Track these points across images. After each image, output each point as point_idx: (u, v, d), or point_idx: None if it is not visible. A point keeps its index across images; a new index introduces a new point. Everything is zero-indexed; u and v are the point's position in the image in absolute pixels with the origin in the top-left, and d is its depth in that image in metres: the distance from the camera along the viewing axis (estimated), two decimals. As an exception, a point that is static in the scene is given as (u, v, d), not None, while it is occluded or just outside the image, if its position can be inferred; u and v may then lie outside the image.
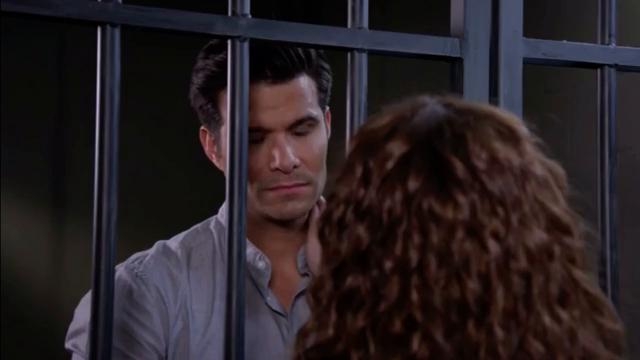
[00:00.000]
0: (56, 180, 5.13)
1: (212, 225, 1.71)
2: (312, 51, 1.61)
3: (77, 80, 4.41)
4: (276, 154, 1.57)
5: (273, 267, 1.66)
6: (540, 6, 3.51)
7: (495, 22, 1.42)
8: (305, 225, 1.69)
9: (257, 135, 1.57)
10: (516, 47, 1.43)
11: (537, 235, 1.00)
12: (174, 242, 1.70)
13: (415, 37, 1.39)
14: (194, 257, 1.67)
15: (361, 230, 1.01)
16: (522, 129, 1.06)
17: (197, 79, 1.63)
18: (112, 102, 1.23)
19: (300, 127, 1.59)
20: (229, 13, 1.29)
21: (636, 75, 1.65)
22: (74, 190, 4.99)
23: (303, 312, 1.65)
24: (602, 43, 1.50)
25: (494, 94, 1.42)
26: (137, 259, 1.66)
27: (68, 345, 1.65)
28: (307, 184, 1.60)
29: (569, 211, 1.05)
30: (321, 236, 1.05)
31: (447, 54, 1.40)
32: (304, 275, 1.67)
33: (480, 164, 1.00)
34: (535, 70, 1.50)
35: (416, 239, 0.98)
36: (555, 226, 1.02)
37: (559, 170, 1.07)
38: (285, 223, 1.65)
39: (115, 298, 1.26)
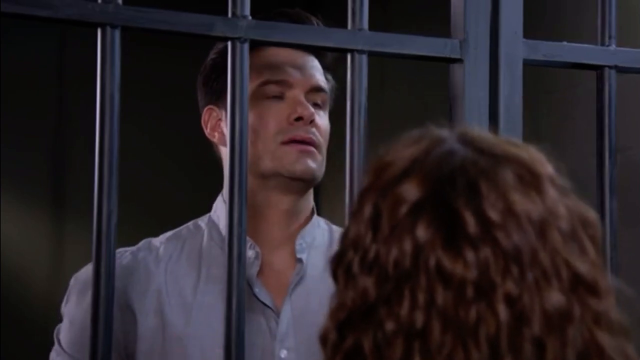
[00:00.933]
0: (56, 180, 5.12)
1: (203, 222, 1.71)
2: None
3: (77, 80, 4.41)
4: (297, 106, 1.62)
5: (265, 258, 1.65)
6: (540, 7, 3.50)
7: (495, 24, 1.42)
8: (303, 225, 1.69)
9: (277, 90, 1.63)
10: (516, 48, 1.43)
11: (555, 298, 0.92)
12: (160, 238, 1.70)
13: (415, 39, 1.39)
14: (178, 252, 1.66)
15: (369, 283, 0.95)
16: (548, 171, 0.98)
17: (218, 47, 1.67)
18: (113, 104, 1.23)
19: (315, 96, 1.64)
20: (229, 14, 1.29)
21: (636, 77, 1.65)
22: (74, 190, 4.99)
23: (302, 304, 1.64)
24: (602, 44, 1.50)
25: (494, 95, 1.42)
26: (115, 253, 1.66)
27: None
28: (318, 147, 1.63)
29: (599, 265, 0.97)
30: (334, 277, 1.00)
31: (447, 55, 1.40)
32: (299, 261, 1.66)
33: (495, 217, 0.93)
34: (535, 72, 1.50)
35: (421, 298, 0.92)
36: (580, 284, 0.94)
37: (590, 216, 0.98)
38: (291, 189, 1.64)
39: (82, 293, 1.26)
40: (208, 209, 1.77)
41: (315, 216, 1.71)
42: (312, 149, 1.62)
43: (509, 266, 0.92)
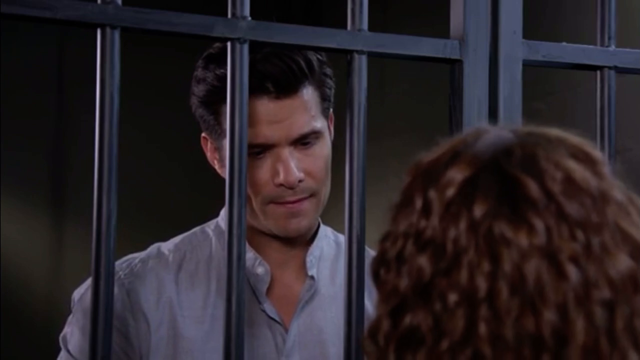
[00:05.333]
0: (56, 180, 5.12)
1: (211, 229, 1.70)
2: (314, 59, 1.59)
3: (77, 80, 4.41)
4: (280, 169, 1.55)
5: (273, 274, 1.65)
6: (540, 8, 3.51)
7: (495, 24, 1.42)
8: (310, 240, 1.68)
9: (260, 150, 1.55)
10: (516, 49, 1.43)
11: (623, 263, 0.91)
12: (168, 245, 1.69)
13: (414, 39, 1.39)
14: (187, 261, 1.65)
15: (423, 261, 0.93)
16: (598, 153, 0.98)
17: (198, 91, 1.60)
18: (112, 105, 1.23)
19: (305, 139, 1.57)
20: (229, 15, 1.29)
21: (636, 77, 1.65)
22: (74, 190, 4.99)
23: (308, 320, 1.64)
24: (602, 45, 1.50)
25: (493, 96, 1.42)
26: (126, 261, 1.65)
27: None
28: (312, 196, 1.59)
29: None
30: (376, 278, 0.98)
31: (447, 56, 1.40)
32: (311, 277, 1.66)
33: (556, 183, 0.92)
34: (534, 72, 1.50)
35: (485, 266, 0.90)
36: None
37: (634, 196, 0.98)
38: (289, 239, 1.64)
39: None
40: (208, 208, 1.76)
41: (322, 226, 1.71)
42: (304, 206, 1.58)
43: (573, 232, 0.91)
